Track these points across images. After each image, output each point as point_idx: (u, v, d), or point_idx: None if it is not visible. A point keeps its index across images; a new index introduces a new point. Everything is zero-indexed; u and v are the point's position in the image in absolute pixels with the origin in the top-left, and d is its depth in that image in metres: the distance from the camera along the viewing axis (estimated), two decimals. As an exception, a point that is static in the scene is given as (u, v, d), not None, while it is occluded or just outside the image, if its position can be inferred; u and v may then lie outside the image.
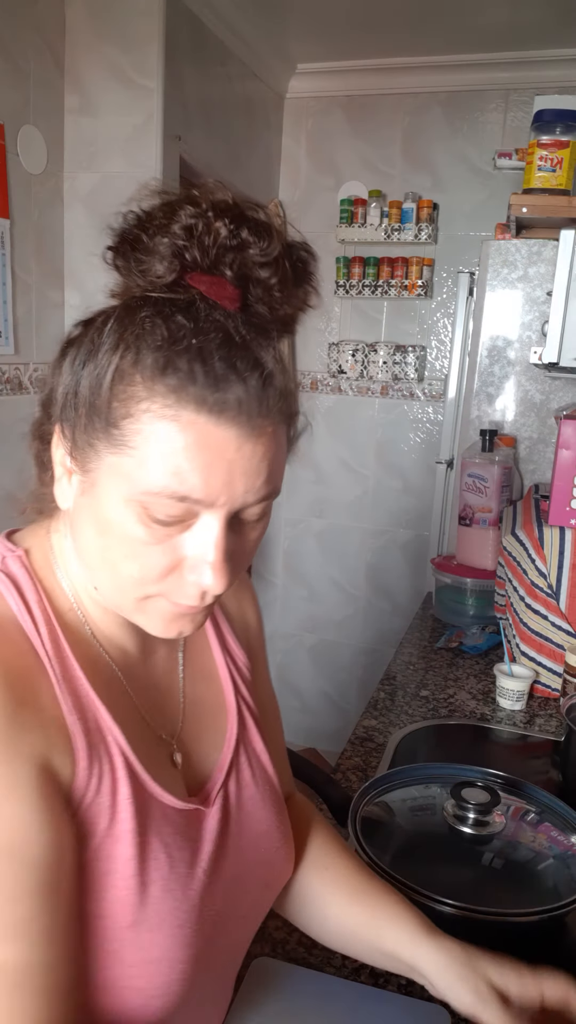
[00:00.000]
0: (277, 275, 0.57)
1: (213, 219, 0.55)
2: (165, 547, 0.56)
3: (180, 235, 0.55)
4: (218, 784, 0.69)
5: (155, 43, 2.23)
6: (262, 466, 0.56)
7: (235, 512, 0.57)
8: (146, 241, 0.56)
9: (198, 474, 0.53)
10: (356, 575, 3.44)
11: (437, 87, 3.00)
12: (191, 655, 0.75)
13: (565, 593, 1.56)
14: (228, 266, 0.56)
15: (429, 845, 0.99)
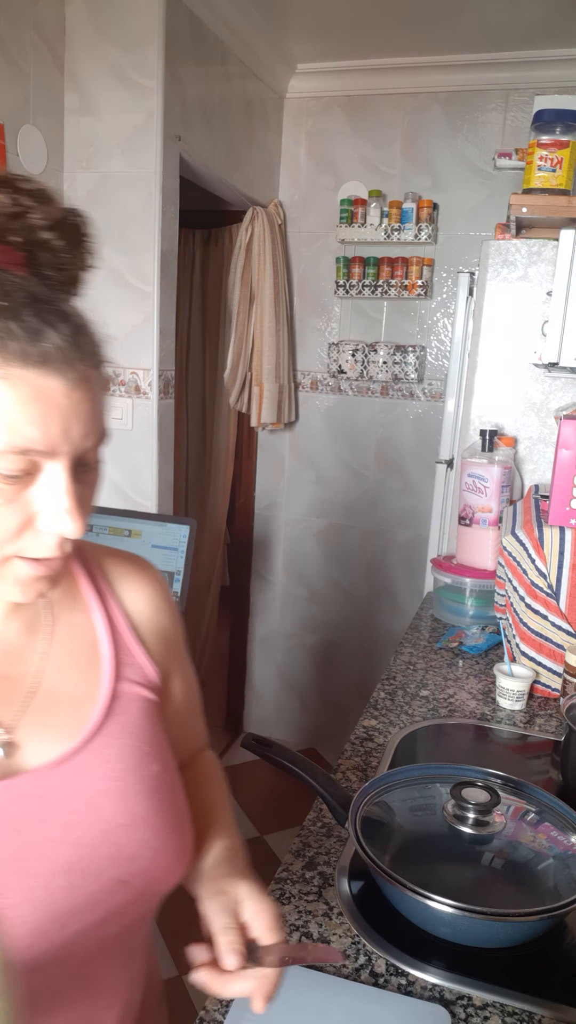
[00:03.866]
0: (62, 236, 0.62)
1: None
2: (14, 505, 0.59)
3: None
4: (41, 772, 0.67)
5: (155, 43, 2.23)
6: (92, 409, 0.60)
7: (77, 460, 0.60)
8: None
9: (36, 426, 0.57)
10: (356, 575, 3.44)
11: (437, 87, 3.00)
12: (66, 647, 0.73)
13: (565, 593, 1.56)
14: (15, 233, 0.60)
15: (429, 845, 0.99)
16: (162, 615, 0.82)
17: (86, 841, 0.65)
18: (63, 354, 0.58)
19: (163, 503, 2.53)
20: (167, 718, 0.80)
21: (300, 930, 0.91)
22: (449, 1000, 0.83)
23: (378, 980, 0.85)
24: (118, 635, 0.77)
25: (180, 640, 0.85)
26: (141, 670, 0.77)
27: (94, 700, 0.72)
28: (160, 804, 0.72)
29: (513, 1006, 0.82)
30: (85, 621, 0.76)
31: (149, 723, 0.75)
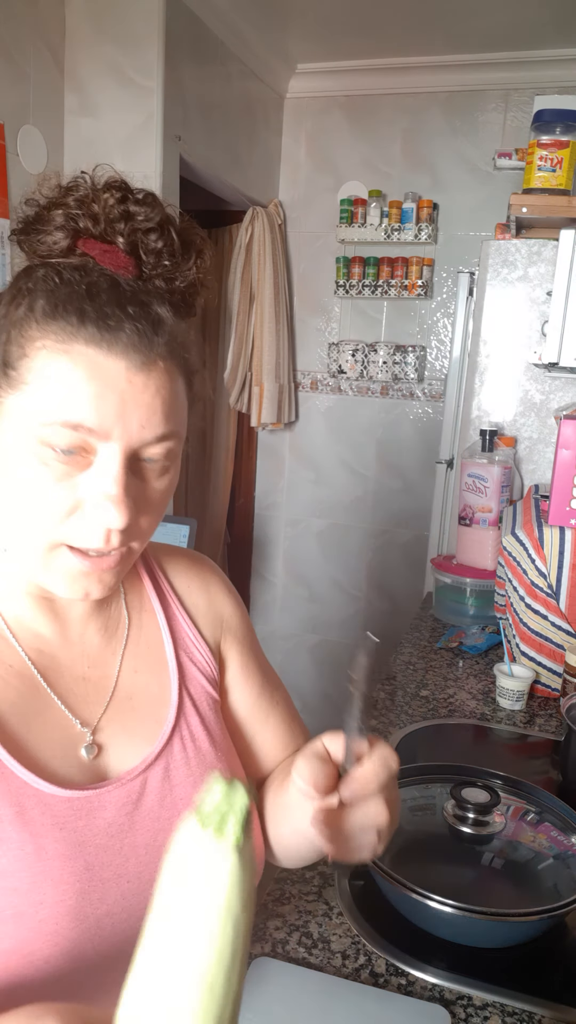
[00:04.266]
0: (163, 240, 0.61)
1: (102, 191, 0.60)
2: (65, 485, 0.58)
3: (72, 206, 0.60)
4: (134, 774, 0.67)
5: (155, 43, 2.23)
6: (155, 401, 0.58)
7: (134, 450, 0.58)
8: (44, 216, 0.61)
9: (90, 402, 0.56)
10: (356, 575, 3.44)
11: (437, 87, 3.00)
12: (138, 649, 0.74)
13: (565, 593, 1.56)
14: (119, 234, 0.60)
15: (429, 845, 0.99)
16: (218, 605, 0.82)
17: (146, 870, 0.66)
18: (131, 340, 0.57)
19: (163, 503, 2.53)
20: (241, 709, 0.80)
21: (300, 930, 0.91)
22: (449, 1000, 0.83)
23: (378, 980, 0.85)
24: (181, 633, 0.77)
25: (243, 630, 0.84)
26: (203, 667, 0.77)
27: (166, 702, 0.73)
28: None
29: (513, 1006, 0.82)
30: (151, 621, 0.76)
31: (215, 722, 0.75)
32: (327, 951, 0.89)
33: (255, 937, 0.90)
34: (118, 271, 0.60)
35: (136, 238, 0.60)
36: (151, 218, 0.61)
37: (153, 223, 0.61)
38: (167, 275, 0.62)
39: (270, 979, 0.84)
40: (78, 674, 0.69)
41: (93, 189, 0.61)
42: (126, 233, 0.60)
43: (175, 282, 0.63)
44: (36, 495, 0.58)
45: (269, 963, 0.86)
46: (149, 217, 0.61)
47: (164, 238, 0.61)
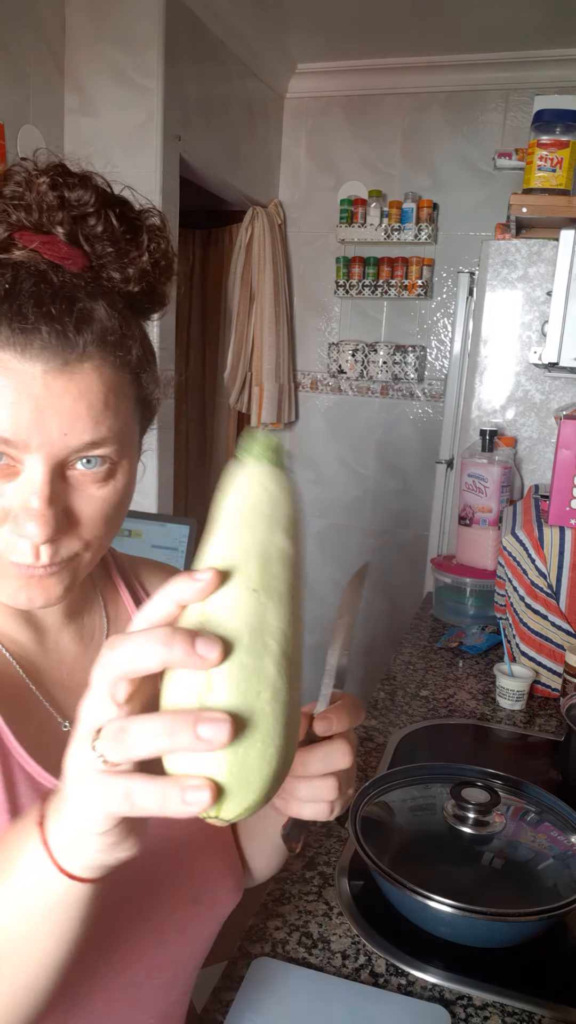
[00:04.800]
0: (102, 224, 0.57)
1: (35, 177, 0.56)
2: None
3: (7, 196, 0.56)
4: None
5: (155, 43, 2.23)
6: (79, 406, 0.54)
7: (60, 460, 0.55)
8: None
9: (5, 411, 0.52)
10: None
11: (437, 87, 3.00)
12: None
13: (565, 593, 1.56)
14: (57, 223, 0.56)
15: (429, 845, 0.99)
16: None
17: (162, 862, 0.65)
18: (49, 341, 0.53)
19: (163, 503, 2.53)
20: None
21: (300, 930, 0.91)
22: (449, 1000, 0.83)
23: (378, 980, 0.85)
24: None
25: None
26: None
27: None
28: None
29: (513, 1006, 0.82)
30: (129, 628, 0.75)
31: None
32: (327, 951, 0.89)
33: (255, 937, 0.90)
34: (63, 263, 0.55)
35: (76, 227, 0.56)
36: (85, 201, 0.56)
37: (89, 207, 0.57)
38: (116, 263, 0.58)
39: (270, 979, 0.84)
40: (57, 680, 0.68)
41: (28, 176, 0.56)
42: (64, 221, 0.56)
43: (128, 270, 0.58)
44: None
45: (269, 963, 0.86)
46: (83, 200, 0.56)
47: (103, 222, 0.57)
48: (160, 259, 0.60)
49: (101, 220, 0.57)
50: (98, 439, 0.55)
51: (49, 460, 0.54)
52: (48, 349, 0.52)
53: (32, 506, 0.54)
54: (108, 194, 0.59)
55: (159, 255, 0.60)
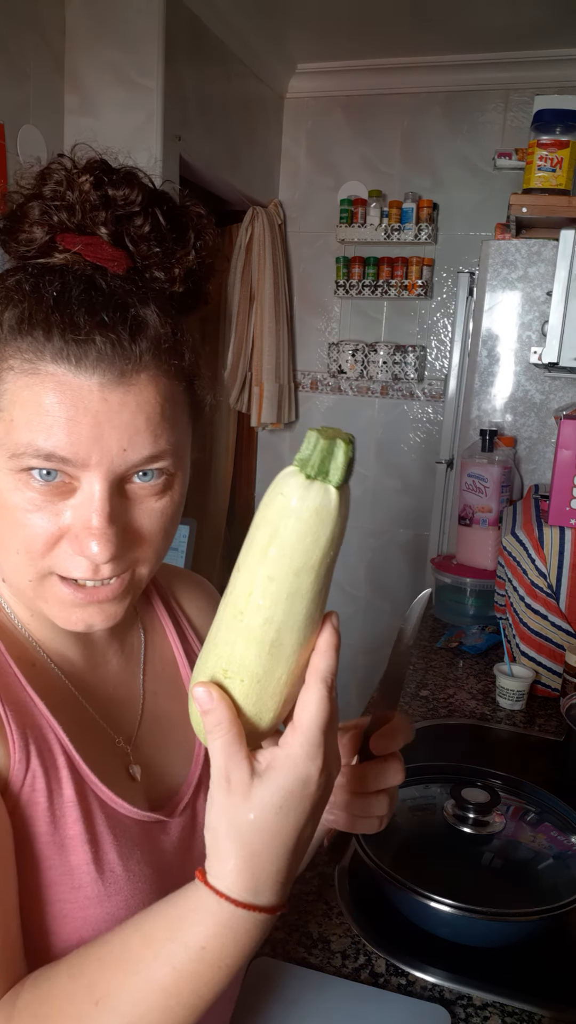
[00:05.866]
0: (149, 223, 0.54)
1: (77, 176, 0.53)
2: (46, 514, 0.52)
3: (47, 196, 0.54)
4: (185, 798, 0.67)
5: (155, 43, 2.23)
6: (137, 420, 0.51)
7: (118, 475, 0.52)
8: (20, 212, 0.55)
9: (61, 428, 0.50)
10: (356, 575, 3.43)
11: (437, 87, 3.00)
12: (155, 671, 0.72)
13: (565, 593, 1.56)
14: (101, 224, 0.53)
15: (429, 845, 0.99)
16: None
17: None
18: (104, 353, 0.50)
19: (163, 503, 2.53)
20: None
21: (300, 930, 0.91)
22: (449, 1000, 0.83)
23: (378, 980, 0.85)
24: (194, 656, 0.76)
25: None
26: None
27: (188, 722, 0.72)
28: None
29: (513, 1006, 0.82)
30: (165, 644, 0.74)
31: None
32: (327, 951, 0.89)
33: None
34: (107, 265, 0.53)
35: (120, 227, 0.54)
36: (132, 200, 0.54)
37: (136, 206, 0.54)
38: (162, 264, 0.55)
39: (270, 979, 0.84)
40: (106, 696, 0.67)
41: (69, 175, 0.54)
42: (108, 221, 0.53)
43: (174, 270, 0.56)
44: (18, 524, 0.53)
45: (269, 963, 0.86)
46: (129, 199, 0.54)
47: (150, 221, 0.54)
48: (206, 257, 0.59)
49: (148, 220, 0.54)
50: (157, 452, 0.53)
51: (108, 476, 0.52)
52: (104, 361, 0.50)
53: (93, 524, 0.51)
54: (153, 191, 0.56)
55: (205, 253, 0.58)
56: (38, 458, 0.50)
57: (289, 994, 0.82)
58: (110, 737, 0.64)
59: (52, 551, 0.53)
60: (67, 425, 0.50)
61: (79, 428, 0.50)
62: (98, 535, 0.51)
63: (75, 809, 0.56)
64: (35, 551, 0.53)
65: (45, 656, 0.62)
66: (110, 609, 0.57)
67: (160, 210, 0.55)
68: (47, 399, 0.50)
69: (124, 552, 0.54)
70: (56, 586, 0.55)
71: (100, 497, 0.51)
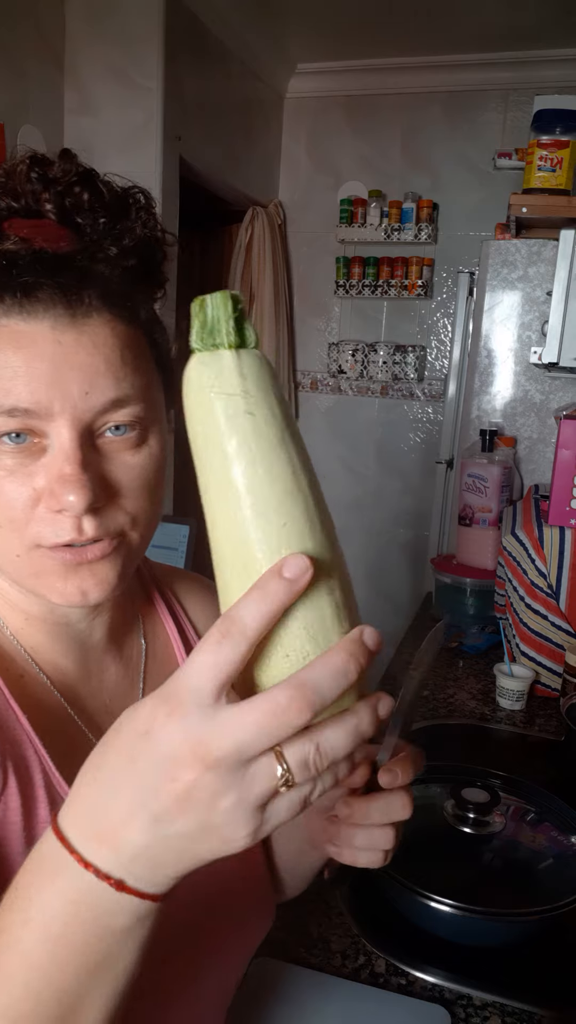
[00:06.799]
0: (88, 190, 0.55)
1: (16, 164, 0.54)
2: (19, 478, 0.51)
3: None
4: None
5: (155, 43, 2.23)
6: (96, 360, 0.51)
7: (86, 423, 0.51)
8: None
9: (20, 379, 0.49)
10: (356, 575, 3.42)
11: (437, 87, 3.00)
12: (157, 680, 0.69)
13: (565, 593, 1.56)
14: (45, 203, 0.54)
15: (429, 845, 0.98)
16: None
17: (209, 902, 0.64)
18: (53, 295, 0.50)
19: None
20: None
21: (300, 930, 0.91)
22: (449, 1000, 0.83)
23: (378, 980, 0.85)
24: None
25: None
26: None
27: None
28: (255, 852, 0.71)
29: (513, 1006, 0.82)
30: (168, 651, 0.73)
31: None
32: (327, 951, 0.89)
33: (255, 937, 0.90)
34: (54, 246, 0.53)
35: (64, 202, 0.54)
36: (68, 170, 0.54)
37: (74, 175, 0.54)
38: (111, 234, 0.55)
39: (270, 979, 0.84)
40: (100, 706, 0.65)
41: (8, 167, 0.55)
42: (51, 199, 0.54)
43: (123, 240, 0.56)
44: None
45: (269, 963, 0.86)
46: (66, 170, 0.54)
47: (89, 188, 0.55)
48: (154, 230, 0.58)
49: (87, 189, 0.55)
50: (122, 396, 0.52)
51: (75, 424, 0.51)
52: (54, 306, 0.50)
53: (66, 472, 0.50)
54: (89, 169, 0.57)
55: (151, 228, 0.58)
56: (1, 416, 0.50)
57: (289, 994, 0.82)
58: None
59: (32, 518, 0.52)
60: (25, 374, 0.49)
61: (37, 375, 0.49)
62: (72, 481, 0.50)
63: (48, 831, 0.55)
64: (15, 519, 0.52)
65: (36, 668, 0.61)
66: (102, 573, 0.54)
67: (99, 181, 0.56)
68: (2, 353, 0.50)
69: (103, 507, 0.53)
70: (45, 556, 0.54)
71: (70, 445, 0.50)
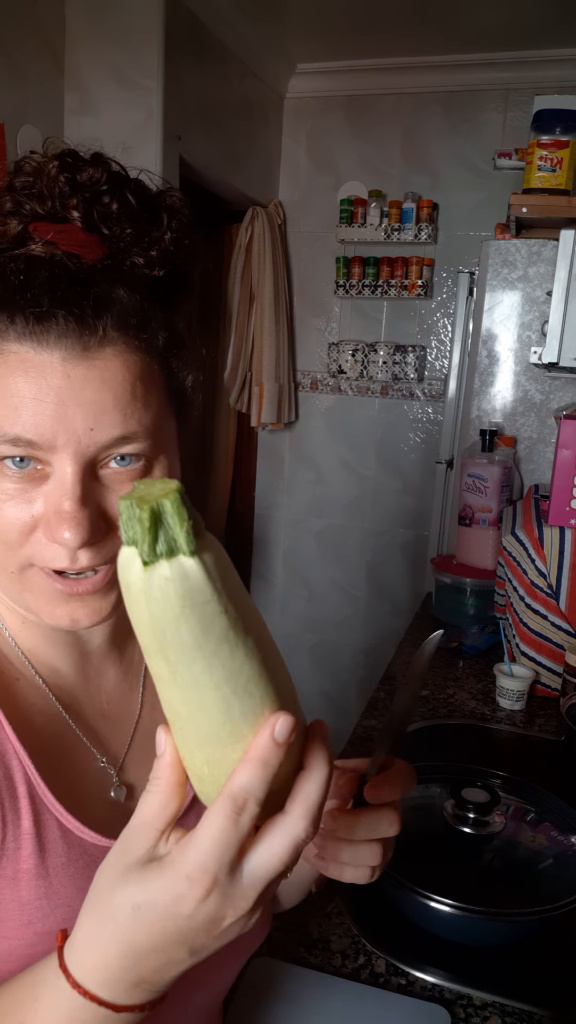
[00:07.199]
0: (116, 201, 0.53)
1: (46, 163, 0.53)
2: (19, 503, 0.51)
3: (19, 188, 0.53)
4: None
5: (155, 43, 2.23)
6: (104, 396, 0.50)
7: (89, 457, 0.51)
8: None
9: (26, 409, 0.48)
10: (356, 575, 3.43)
11: (437, 87, 3.00)
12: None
13: (565, 593, 1.56)
14: (72, 209, 0.53)
15: (429, 845, 0.99)
16: None
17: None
18: (69, 328, 0.49)
19: (163, 503, 2.53)
20: None
21: (299, 930, 0.91)
22: (449, 1000, 0.83)
23: (378, 980, 0.85)
24: None
25: None
26: None
27: None
28: None
29: (513, 1006, 0.82)
30: None
31: None
32: (326, 951, 0.89)
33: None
34: (80, 252, 0.52)
35: (92, 210, 0.53)
36: (98, 179, 0.53)
37: (103, 184, 0.53)
38: (138, 244, 0.54)
39: (270, 979, 0.84)
40: (97, 711, 0.64)
41: (37, 165, 0.53)
42: (79, 205, 0.53)
43: (150, 251, 0.55)
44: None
45: (269, 963, 0.86)
46: (95, 179, 0.53)
47: (118, 199, 0.54)
48: (183, 239, 0.57)
49: (116, 198, 0.54)
50: (128, 433, 0.51)
51: (78, 458, 0.50)
52: (66, 336, 0.49)
53: (64, 508, 0.50)
54: (121, 174, 0.55)
55: (181, 235, 0.57)
56: (5, 443, 0.49)
57: (289, 994, 0.82)
58: (93, 758, 0.62)
59: (28, 541, 0.52)
60: (32, 405, 0.49)
61: (43, 407, 0.49)
62: (68, 519, 0.50)
63: (31, 841, 0.54)
64: (11, 541, 0.52)
65: (33, 671, 0.60)
66: (94, 604, 0.54)
67: (128, 190, 0.55)
68: (11, 380, 0.49)
69: (101, 539, 0.52)
70: (38, 577, 0.53)
71: (71, 480, 0.50)
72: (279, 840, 0.41)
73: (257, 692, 0.40)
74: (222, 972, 0.68)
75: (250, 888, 0.41)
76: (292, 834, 0.41)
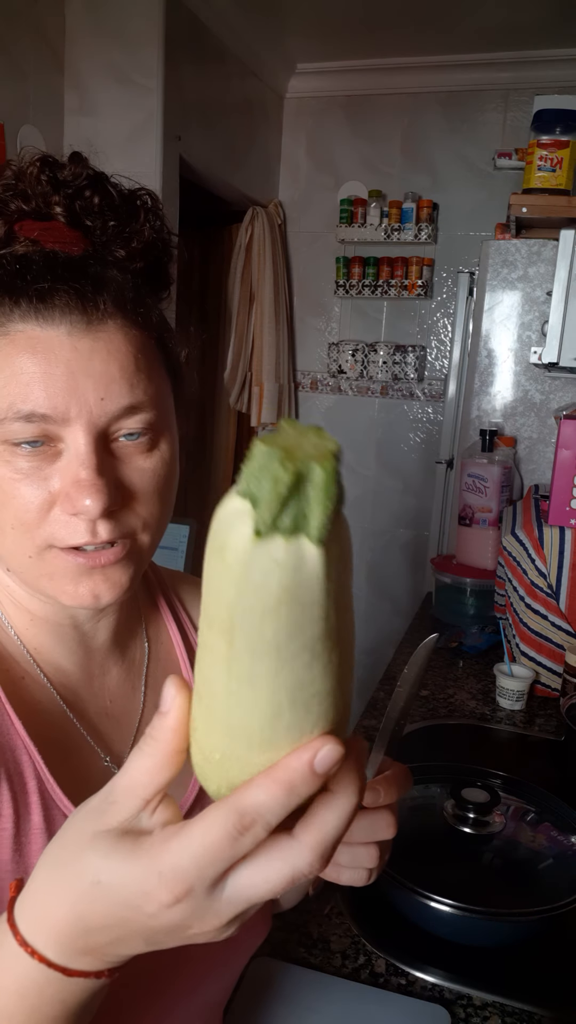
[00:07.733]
0: (99, 194, 0.56)
1: (27, 166, 0.56)
2: (35, 481, 0.52)
3: (2, 188, 0.56)
4: None
5: (155, 43, 2.23)
6: (111, 367, 0.52)
7: (101, 428, 0.52)
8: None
9: (37, 384, 0.50)
10: (356, 575, 3.43)
11: (437, 87, 3.00)
12: (158, 684, 0.69)
13: (565, 593, 1.56)
14: (55, 205, 0.55)
15: (429, 845, 0.99)
16: None
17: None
18: (70, 301, 0.51)
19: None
20: None
21: (299, 930, 0.91)
22: (449, 1000, 0.83)
23: (378, 980, 0.85)
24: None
25: None
26: None
27: None
28: None
29: (513, 1006, 0.82)
30: (170, 655, 0.72)
31: None
32: (327, 951, 0.89)
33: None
34: (65, 248, 0.54)
35: (74, 205, 0.56)
36: (78, 174, 0.56)
37: (84, 179, 0.56)
38: (120, 237, 0.57)
39: (270, 979, 0.84)
40: (100, 709, 0.64)
41: (18, 168, 0.56)
42: (62, 202, 0.55)
43: (131, 243, 0.57)
44: (8, 496, 0.52)
45: (269, 963, 0.86)
46: (76, 174, 0.56)
47: (99, 192, 0.56)
48: (161, 232, 0.59)
49: (97, 192, 0.56)
50: (135, 403, 0.53)
51: (91, 429, 0.52)
52: (69, 311, 0.51)
53: (82, 477, 0.51)
54: (100, 171, 0.58)
55: (159, 229, 0.59)
56: (19, 421, 0.51)
57: (289, 994, 0.82)
58: (97, 756, 0.62)
59: (46, 519, 0.53)
60: (42, 379, 0.51)
61: (54, 380, 0.51)
62: (88, 486, 0.51)
63: (41, 836, 0.54)
64: (28, 522, 0.52)
65: (37, 669, 0.61)
66: (114, 576, 0.55)
67: (109, 184, 0.57)
68: (19, 359, 0.51)
69: (119, 509, 0.54)
70: (58, 558, 0.54)
71: (86, 449, 0.52)
72: (277, 866, 0.35)
73: (315, 711, 0.34)
74: (222, 972, 0.69)
75: (227, 907, 0.36)
76: (294, 864, 0.35)
